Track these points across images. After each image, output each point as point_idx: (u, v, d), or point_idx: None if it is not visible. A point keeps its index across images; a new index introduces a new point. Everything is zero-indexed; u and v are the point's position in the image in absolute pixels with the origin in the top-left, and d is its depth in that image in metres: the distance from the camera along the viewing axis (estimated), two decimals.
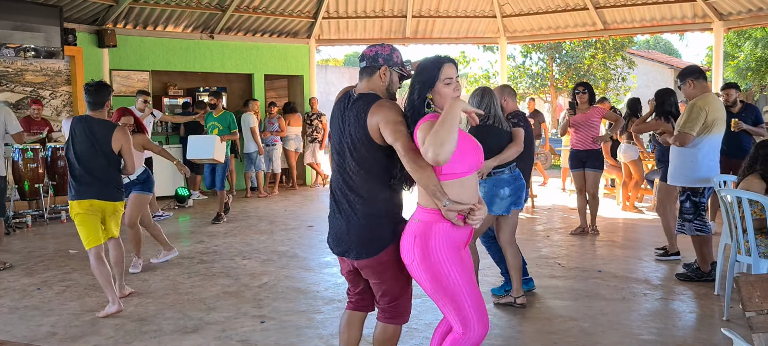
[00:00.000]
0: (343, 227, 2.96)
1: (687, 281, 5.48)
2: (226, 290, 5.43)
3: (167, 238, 6.45)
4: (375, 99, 2.87)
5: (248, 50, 12.58)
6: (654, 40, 34.67)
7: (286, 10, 12.40)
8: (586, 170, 7.45)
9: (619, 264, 6.19)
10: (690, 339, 4.22)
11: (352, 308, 3.23)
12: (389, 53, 2.95)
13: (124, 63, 11.14)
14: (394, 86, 2.99)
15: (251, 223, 8.82)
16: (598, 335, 4.27)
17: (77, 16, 10.44)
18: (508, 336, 4.27)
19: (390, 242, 2.89)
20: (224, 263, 6.43)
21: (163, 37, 11.59)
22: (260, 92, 12.77)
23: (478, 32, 13.66)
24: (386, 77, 2.94)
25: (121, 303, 4.85)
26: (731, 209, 4.50)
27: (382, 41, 13.28)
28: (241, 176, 12.12)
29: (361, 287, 3.16)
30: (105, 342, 4.23)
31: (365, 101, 2.87)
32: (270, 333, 4.34)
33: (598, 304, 4.93)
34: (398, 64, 2.97)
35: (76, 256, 6.74)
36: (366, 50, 3.00)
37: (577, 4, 12.38)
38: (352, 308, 3.23)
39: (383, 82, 2.94)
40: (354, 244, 2.93)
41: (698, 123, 5.22)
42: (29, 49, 9.49)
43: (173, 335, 4.34)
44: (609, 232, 7.80)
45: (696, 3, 11.32)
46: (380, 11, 13.02)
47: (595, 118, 7.44)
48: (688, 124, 5.23)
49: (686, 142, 5.24)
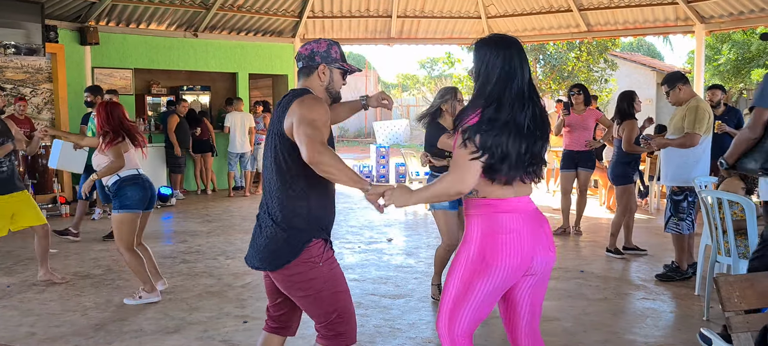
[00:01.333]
0: (255, 232, 2.75)
1: (668, 281, 5.54)
2: (209, 289, 5.40)
3: (149, 237, 6.37)
4: (301, 94, 2.64)
5: (232, 49, 12.52)
6: (637, 42, 34.94)
7: (270, 9, 12.35)
8: (579, 170, 7.56)
9: (601, 264, 6.23)
10: (671, 339, 4.26)
11: (268, 330, 2.94)
12: (326, 50, 2.74)
13: (106, 61, 11.04)
14: (337, 85, 2.79)
15: (235, 222, 8.78)
16: (581, 334, 4.29)
17: (59, 13, 10.33)
18: (489, 335, 4.28)
19: (296, 255, 2.63)
20: (207, 262, 6.39)
21: (147, 34, 11.50)
22: (244, 91, 12.72)
23: (463, 33, 13.70)
24: (326, 76, 2.74)
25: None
26: (712, 210, 4.55)
27: (366, 41, 13.42)
28: (223, 175, 12.09)
29: (278, 301, 2.88)
30: (85, 342, 4.19)
31: (290, 97, 2.64)
32: (253, 333, 4.32)
33: (581, 304, 4.96)
34: (337, 60, 2.76)
35: (56, 255, 6.66)
36: (300, 49, 2.79)
37: (561, 6, 12.47)
38: (267, 329, 2.95)
39: (322, 81, 2.74)
40: (258, 253, 2.69)
41: (704, 123, 5.30)
42: (10, 46, 9.37)
43: (155, 335, 4.30)
44: (592, 232, 7.85)
45: (678, 6, 11.43)
46: (365, 11, 13.01)
47: (590, 121, 7.54)
48: (697, 125, 5.28)
49: (696, 142, 5.29)
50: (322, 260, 2.67)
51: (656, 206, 9.70)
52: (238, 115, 11.17)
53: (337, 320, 2.72)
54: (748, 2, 10.72)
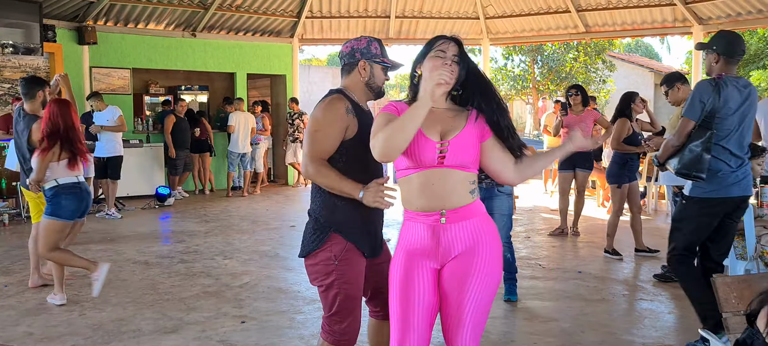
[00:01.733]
0: None
1: (666, 282, 5.54)
2: (207, 289, 5.39)
3: (147, 237, 6.37)
4: (329, 95, 2.76)
5: (231, 49, 12.51)
6: (635, 43, 35.00)
7: (269, 9, 12.35)
8: (576, 170, 7.56)
9: (599, 265, 6.24)
10: (668, 339, 4.26)
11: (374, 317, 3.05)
12: (366, 46, 2.79)
13: (104, 60, 11.03)
14: (378, 79, 2.82)
15: (233, 222, 8.77)
16: (578, 335, 4.30)
17: (57, 13, 10.32)
18: (487, 336, 4.28)
19: (316, 247, 2.75)
20: (205, 262, 6.38)
21: (145, 34, 11.49)
22: (243, 91, 12.71)
23: (461, 33, 13.66)
24: (366, 72, 2.78)
25: None
26: None
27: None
28: (222, 175, 12.08)
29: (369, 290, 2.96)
30: (83, 342, 4.18)
31: (322, 98, 2.78)
32: (250, 333, 4.32)
33: (578, 304, 4.97)
34: (378, 56, 2.80)
35: None
36: (343, 47, 2.86)
37: (559, 6, 12.48)
38: (374, 316, 3.06)
39: (363, 77, 2.79)
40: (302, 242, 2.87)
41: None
42: (7, 45, 9.35)
43: (152, 335, 4.30)
44: (589, 233, 7.86)
45: (676, 7, 11.45)
46: (364, 11, 13.02)
47: (589, 121, 7.55)
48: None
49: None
50: (339, 259, 2.73)
51: (654, 206, 9.71)
52: (241, 115, 11.16)
53: (338, 321, 2.78)
54: (745, 3, 10.75)
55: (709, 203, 3.87)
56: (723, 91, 3.77)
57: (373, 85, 2.82)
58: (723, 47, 3.86)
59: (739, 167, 3.87)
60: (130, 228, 8.28)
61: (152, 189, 10.70)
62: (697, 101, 3.83)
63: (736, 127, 3.83)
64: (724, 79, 3.82)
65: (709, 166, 3.78)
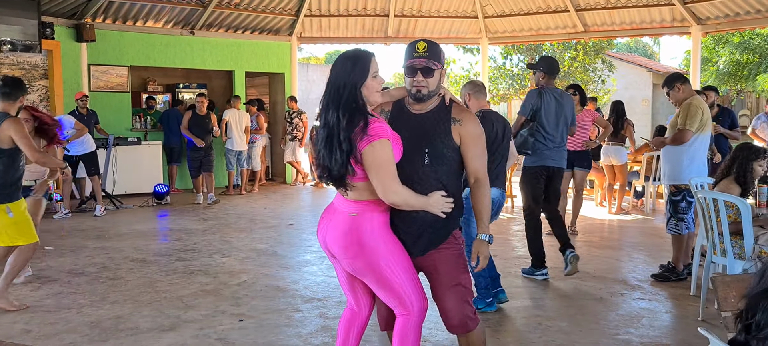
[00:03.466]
0: None
1: (663, 282, 5.55)
2: (204, 288, 5.39)
3: (144, 235, 6.36)
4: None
5: (229, 47, 12.50)
6: (634, 43, 35.02)
7: (267, 7, 12.33)
8: (575, 170, 7.58)
9: (596, 264, 6.24)
10: (666, 339, 4.27)
11: None
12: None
13: (102, 58, 11.00)
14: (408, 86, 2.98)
15: (231, 220, 8.76)
16: (576, 334, 4.30)
17: (55, 10, 10.29)
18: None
19: None
20: (203, 260, 6.38)
21: (143, 32, 11.47)
22: (241, 89, 12.69)
23: (460, 32, 13.69)
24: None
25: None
26: (708, 211, 4.56)
27: (363, 40, 13.42)
28: (222, 174, 12.06)
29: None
30: (80, 340, 4.18)
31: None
32: (248, 332, 4.31)
33: (576, 303, 4.97)
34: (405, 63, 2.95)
35: (51, 253, 6.64)
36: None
37: (557, 6, 12.47)
38: None
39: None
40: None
41: (697, 120, 5.31)
42: (5, 42, 9.32)
43: (150, 333, 4.29)
44: (587, 233, 7.86)
45: (674, 7, 11.45)
46: (362, 10, 13.00)
47: (587, 121, 7.58)
48: (688, 121, 5.31)
49: (687, 138, 5.32)
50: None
51: (652, 206, 9.72)
52: (235, 113, 11.11)
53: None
54: (744, 3, 10.74)
55: (534, 170, 5.62)
56: (544, 97, 5.54)
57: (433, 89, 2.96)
58: (546, 68, 5.69)
59: (554, 148, 5.58)
60: (127, 226, 8.27)
61: (150, 187, 10.68)
62: (528, 103, 5.56)
63: (554, 121, 5.55)
64: (545, 89, 5.60)
65: (533, 146, 5.50)
